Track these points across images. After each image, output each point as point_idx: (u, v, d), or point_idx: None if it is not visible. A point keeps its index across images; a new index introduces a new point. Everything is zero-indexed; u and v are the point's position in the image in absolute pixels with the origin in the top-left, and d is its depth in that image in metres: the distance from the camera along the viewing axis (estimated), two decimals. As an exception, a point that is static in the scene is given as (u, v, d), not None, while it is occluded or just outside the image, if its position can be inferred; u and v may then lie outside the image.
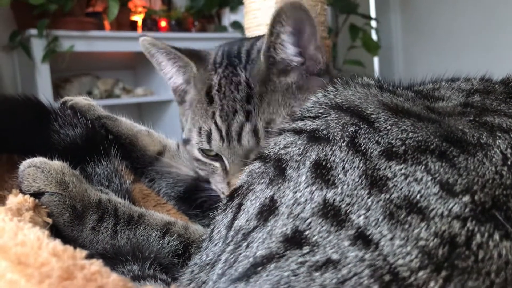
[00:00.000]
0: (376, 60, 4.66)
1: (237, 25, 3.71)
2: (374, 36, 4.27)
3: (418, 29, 4.40)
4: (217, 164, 0.85)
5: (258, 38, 0.92)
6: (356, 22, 3.97)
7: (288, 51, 0.82)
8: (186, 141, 0.89)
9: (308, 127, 0.60)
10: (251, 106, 0.81)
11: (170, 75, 0.93)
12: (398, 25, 4.61)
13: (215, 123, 0.83)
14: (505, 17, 3.60)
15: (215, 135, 0.83)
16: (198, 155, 0.87)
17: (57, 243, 0.44)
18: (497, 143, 0.51)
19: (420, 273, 0.42)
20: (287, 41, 0.81)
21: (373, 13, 4.67)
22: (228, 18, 3.95)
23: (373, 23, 4.37)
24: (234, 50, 0.89)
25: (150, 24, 3.78)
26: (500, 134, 0.52)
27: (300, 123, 0.62)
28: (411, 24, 4.48)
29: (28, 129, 0.84)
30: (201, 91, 0.87)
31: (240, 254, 0.52)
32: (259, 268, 0.48)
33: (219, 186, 0.86)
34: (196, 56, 0.90)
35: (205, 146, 0.84)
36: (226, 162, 0.84)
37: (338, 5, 3.94)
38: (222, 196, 0.84)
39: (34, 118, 0.86)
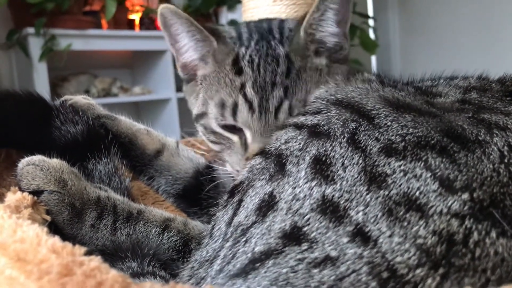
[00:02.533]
0: (374, 59, 4.66)
1: (235, 24, 3.70)
2: (372, 35, 4.27)
3: (416, 28, 4.41)
4: (235, 139, 0.82)
5: (282, 20, 0.92)
6: (354, 21, 3.96)
7: (329, 29, 0.82)
8: (199, 116, 0.86)
9: (309, 122, 0.60)
10: (289, 81, 0.79)
11: (186, 49, 0.87)
12: (396, 24, 4.62)
13: (244, 94, 0.78)
14: (503, 16, 3.60)
15: (242, 107, 0.78)
16: (216, 127, 0.83)
17: (56, 240, 0.44)
18: (495, 141, 0.51)
19: (418, 271, 0.43)
20: (331, 19, 0.80)
21: (370, 12, 4.67)
22: (225, 17, 3.95)
23: (371, 22, 4.37)
24: (263, 27, 0.88)
25: (148, 22, 3.77)
26: (497, 132, 0.52)
27: (302, 118, 0.63)
28: (409, 23, 4.49)
29: (29, 125, 0.84)
30: (224, 62, 0.83)
31: (238, 250, 0.52)
32: (258, 264, 0.48)
33: (235, 164, 0.82)
34: (215, 31, 0.87)
35: (229, 120, 0.80)
36: (249, 136, 0.80)
37: (336, 3, 3.94)
38: (234, 174, 0.81)
39: (36, 114, 0.86)
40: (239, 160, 0.81)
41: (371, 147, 0.53)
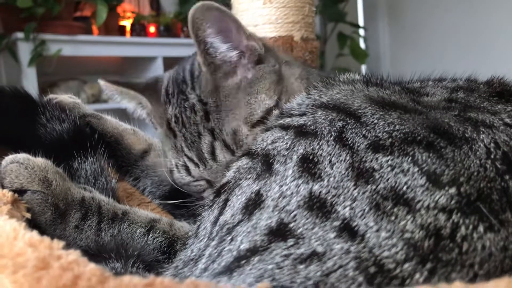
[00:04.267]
0: (364, 68, 4.70)
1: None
2: (362, 44, 4.32)
3: (405, 38, 4.46)
4: (203, 183, 0.84)
5: (194, 53, 0.89)
6: (344, 30, 4.01)
7: (222, 49, 0.80)
8: (171, 172, 0.88)
9: (295, 123, 0.60)
10: (212, 123, 0.80)
11: (133, 111, 0.93)
12: (386, 34, 4.67)
13: (186, 155, 0.82)
14: (493, 26, 3.66)
15: (190, 165, 0.82)
16: (184, 181, 0.86)
17: (33, 234, 0.42)
18: (481, 137, 0.51)
19: (406, 265, 0.42)
20: (217, 42, 0.79)
21: (361, 22, 4.72)
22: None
23: (361, 32, 4.41)
24: (179, 75, 0.87)
25: (139, 29, 3.77)
26: (483, 129, 0.52)
27: (287, 120, 0.62)
28: (399, 32, 4.53)
29: (14, 120, 0.84)
30: (162, 126, 0.87)
31: (224, 248, 0.52)
32: (243, 262, 0.47)
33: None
34: (151, 89, 0.89)
35: (188, 178, 0.84)
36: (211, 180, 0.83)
37: (326, 13, 3.98)
38: None
39: (21, 110, 0.85)
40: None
41: (358, 144, 0.52)
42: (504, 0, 3.56)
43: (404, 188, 0.47)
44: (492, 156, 0.49)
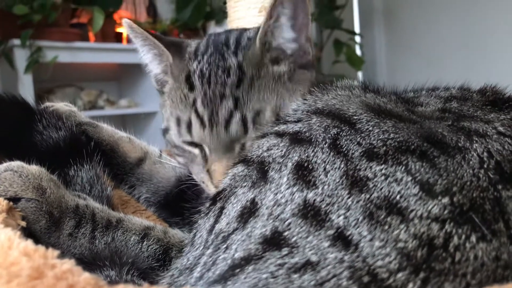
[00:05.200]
0: (360, 74, 4.72)
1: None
2: (358, 51, 4.33)
3: (401, 44, 4.48)
4: (196, 151, 0.79)
5: (245, 29, 0.89)
6: (340, 37, 4.02)
7: (286, 35, 0.79)
8: (164, 131, 0.84)
9: (290, 130, 0.60)
10: (240, 92, 0.75)
11: (147, 62, 0.88)
12: (382, 40, 4.69)
13: (196, 110, 0.77)
14: (487, 32, 3.68)
15: (195, 123, 0.77)
16: (178, 142, 0.81)
17: (28, 243, 0.42)
18: (474, 147, 0.51)
19: (399, 275, 0.42)
20: (286, 25, 0.77)
21: (357, 29, 4.74)
22: (214, 31, 3.97)
23: (357, 38, 4.43)
24: (221, 39, 0.84)
25: (135, 36, 3.77)
26: (476, 139, 0.53)
27: (283, 126, 0.62)
28: (395, 39, 4.56)
29: (11, 127, 0.84)
30: (179, 77, 0.81)
31: (218, 256, 0.52)
32: (237, 270, 0.47)
33: (199, 175, 0.80)
34: (176, 46, 0.85)
35: (185, 137, 0.79)
36: (206, 149, 0.77)
37: (322, 20, 4.00)
38: (202, 185, 0.80)
39: (18, 117, 0.85)
40: (201, 171, 0.79)
41: (353, 152, 0.53)
42: (499, 7, 3.59)
43: (398, 197, 0.47)
44: (485, 166, 0.49)
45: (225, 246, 0.52)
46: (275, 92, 0.77)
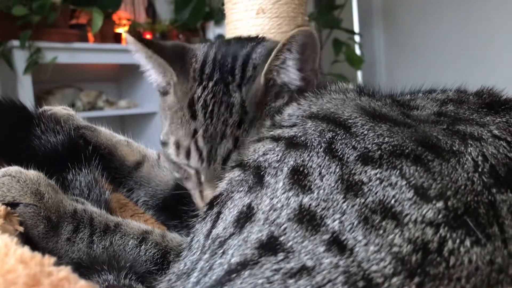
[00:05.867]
0: (359, 74, 4.72)
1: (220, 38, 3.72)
2: (357, 51, 4.33)
3: (400, 44, 4.48)
4: (192, 172, 0.81)
5: (253, 46, 0.85)
6: (340, 37, 4.03)
7: (291, 75, 0.78)
8: (163, 143, 0.84)
9: (286, 134, 0.60)
10: (241, 132, 0.76)
11: (150, 75, 0.86)
12: (381, 40, 4.69)
13: (196, 143, 0.77)
14: (487, 32, 3.68)
15: (194, 154, 0.78)
16: (175, 159, 0.81)
17: (25, 250, 0.43)
18: (469, 151, 0.51)
19: (394, 280, 0.42)
20: (292, 67, 0.77)
21: (356, 28, 4.74)
22: (212, 31, 3.98)
23: (357, 38, 4.43)
24: (227, 63, 0.82)
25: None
26: (471, 142, 0.53)
27: (278, 131, 0.63)
28: (394, 38, 4.56)
29: (10, 132, 0.84)
30: (182, 101, 0.80)
31: (215, 262, 0.52)
32: (234, 275, 0.47)
33: (191, 191, 0.83)
34: (180, 60, 0.83)
35: (183, 161, 0.80)
36: (202, 177, 0.79)
37: (321, 19, 4.00)
38: (194, 199, 0.82)
39: (16, 122, 0.85)
40: (194, 189, 0.81)
41: (348, 156, 0.53)
42: (499, 7, 3.59)
43: (392, 201, 0.47)
44: (479, 169, 0.49)
45: (221, 251, 0.52)
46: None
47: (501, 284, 0.43)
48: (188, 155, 0.79)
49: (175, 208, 0.88)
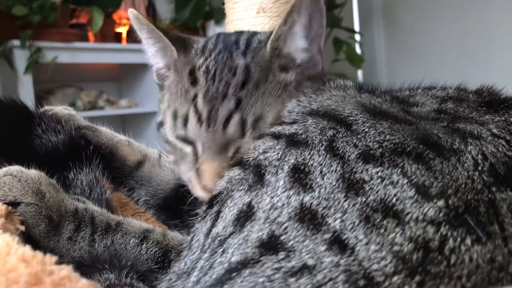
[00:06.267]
0: (360, 73, 4.72)
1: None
2: (358, 50, 4.33)
3: (401, 43, 4.48)
4: (188, 150, 0.75)
5: (256, 32, 0.86)
6: (340, 36, 4.02)
7: (298, 43, 0.76)
8: (159, 124, 0.82)
9: (286, 132, 0.60)
10: (244, 94, 0.72)
11: (152, 54, 0.85)
12: (381, 39, 4.69)
13: (195, 105, 0.74)
14: (487, 30, 3.68)
15: (192, 118, 0.73)
16: (171, 137, 0.78)
17: (26, 249, 0.43)
18: (469, 149, 0.52)
19: (395, 278, 0.42)
20: (300, 33, 0.75)
21: (356, 27, 4.74)
22: (213, 30, 3.97)
23: (357, 37, 4.43)
24: (231, 38, 0.82)
25: (135, 36, 3.75)
26: (471, 141, 0.53)
27: (279, 128, 0.62)
28: (395, 37, 4.56)
29: (10, 131, 0.84)
30: (183, 71, 0.78)
31: (215, 260, 0.52)
32: (234, 274, 0.48)
33: (187, 174, 0.77)
34: (182, 41, 0.83)
35: (180, 131, 0.75)
36: (199, 147, 0.74)
37: (322, 18, 3.99)
38: (189, 185, 0.77)
39: (18, 121, 0.85)
40: (190, 170, 0.76)
41: (349, 154, 0.53)
42: (499, 6, 3.59)
43: (394, 200, 0.47)
44: (479, 168, 0.50)
45: (221, 250, 0.52)
46: (280, 99, 0.73)
47: (502, 282, 0.43)
48: (186, 122, 0.75)
49: (176, 207, 0.88)
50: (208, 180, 0.70)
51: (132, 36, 3.73)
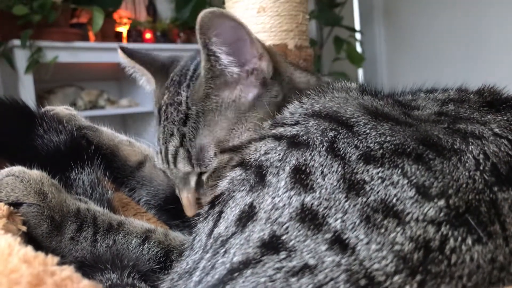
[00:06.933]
0: (360, 71, 4.71)
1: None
2: (358, 48, 4.33)
3: (401, 41, 4.48)
4: (169, 176, 0.84)
5: None
6: (341, 34, 4.02)
7: (224, 61, 0.75)
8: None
9: (288, 133, 0.60)
10: (187, 129, 0.76)
11: (141, 83, 0.96)
12: (382, 37, 4.69)
13: (159, 146, 0.81)
14: (488, 29, 3.67)
15: (158, 158, 0.82)
16: (157, 165, 0.86)
17: (28, 250, 0.43)
18: (470, 149, 0.52)
19: (396, 278, 0.43)
20: (219, 52, 0.74)
21: (357, 26, 4.73)
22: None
23: (358, 35, 4.43)
24: (186, 65, 0.84)
25: (135, 35, 3.77)
26: (472, 141, 0.53)
27: (280, 129, 0.63)
28: (395, 36, 4.55)
29: (12, 131, 0.84)
30: (155, 108, 0.85)
31: (217, 261, 0.52)
32: (236, 274, 0.48)
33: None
34: (163, 71, 0.87)
35: (159, 165, 0.83)
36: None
37: (322, 17, 3.99)
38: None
39: (19, 121, 0.86)
40: (179, 195, 0.83)
41: (350, 155, 0.53)
42: (499, 5, 3.58)
43: (394, 200, 0.47)
44: (481, 168, 0.50)
45: (223, 250, 0.52)
46: (223, 123, 0.75)
47: (503, 282, 0.43)
48: (158, 158, 0.83)
49: (177, 208, 0.89)
50: (187, 209, 0.80)
51: (132, 36, 3.75)
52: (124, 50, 0.92)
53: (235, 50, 0.75)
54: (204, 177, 0.77)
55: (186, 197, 0.79)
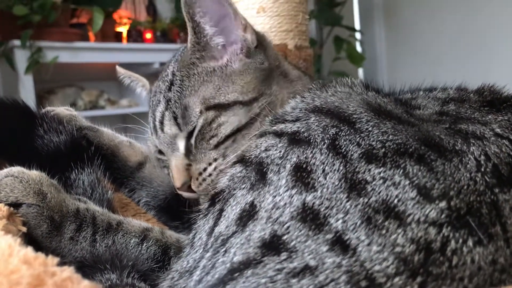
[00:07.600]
0: (360, 71, 4.71)
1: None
2: (358, 48, 4.33)
3: (401, 41, 4.47)
4: (164, 157, 0.86)
5: None
6: (341, 34, 4.02)
7: (208, 32, 0.79)
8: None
9: (289, 130, 0.60)
10: (172, 93, 0.80)
11: (138, 91, 1.04)
12: (382, 37, 4.68)
13: (151, 118, 0.85)
14: (487, 28, 3.67)
15: (150, 133, 0.85)
16: (155, 152, 0.90)
17: (28, 251, 0.43)
18: (471, 150, 0.51)
19: (396, 279, 0.42)
20: (204, 23, 0.78)
21: (357, 25, 4.73)
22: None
23: (358, 35, 4.42)
24: (175, 55, 0.90)
25: (135, 35, 3.77)
26: (474, 141, 0.53)
27: (281, 126, 0.62)
28: (395, 36, 4.55)
29: (12, 132, 0.84)
30: (148, 101, 0.90)
31: (217, 260, 0.52)
32: (236, 274, 0.48)
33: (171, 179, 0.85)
34: (156, 75, 0.93)
35: (152, 141, 0.86)
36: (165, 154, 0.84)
37: (322, 17, 3.99)
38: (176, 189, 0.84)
39: (20, 122, 0.86)
40: (170, 176, 0.84)
41: (352, 153, 0.53)
42: (499, 4, 3.58)
43: (395, 201, 0.47)
44: (482, 169, 0.49)
45: (224, 249, 0.52)
46: (209, 84, 0.79)
47: (504, 284, 0.43)
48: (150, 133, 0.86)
49: (177, 209, 0.88)
50: (175, 178, 0.79)
51: (132, 36, 3.75)
52: (121, 66, 1.03)
53: (219, 21, 0.79)
54: (192, 140, 0.77)
55: (174, 165, 0.79)
